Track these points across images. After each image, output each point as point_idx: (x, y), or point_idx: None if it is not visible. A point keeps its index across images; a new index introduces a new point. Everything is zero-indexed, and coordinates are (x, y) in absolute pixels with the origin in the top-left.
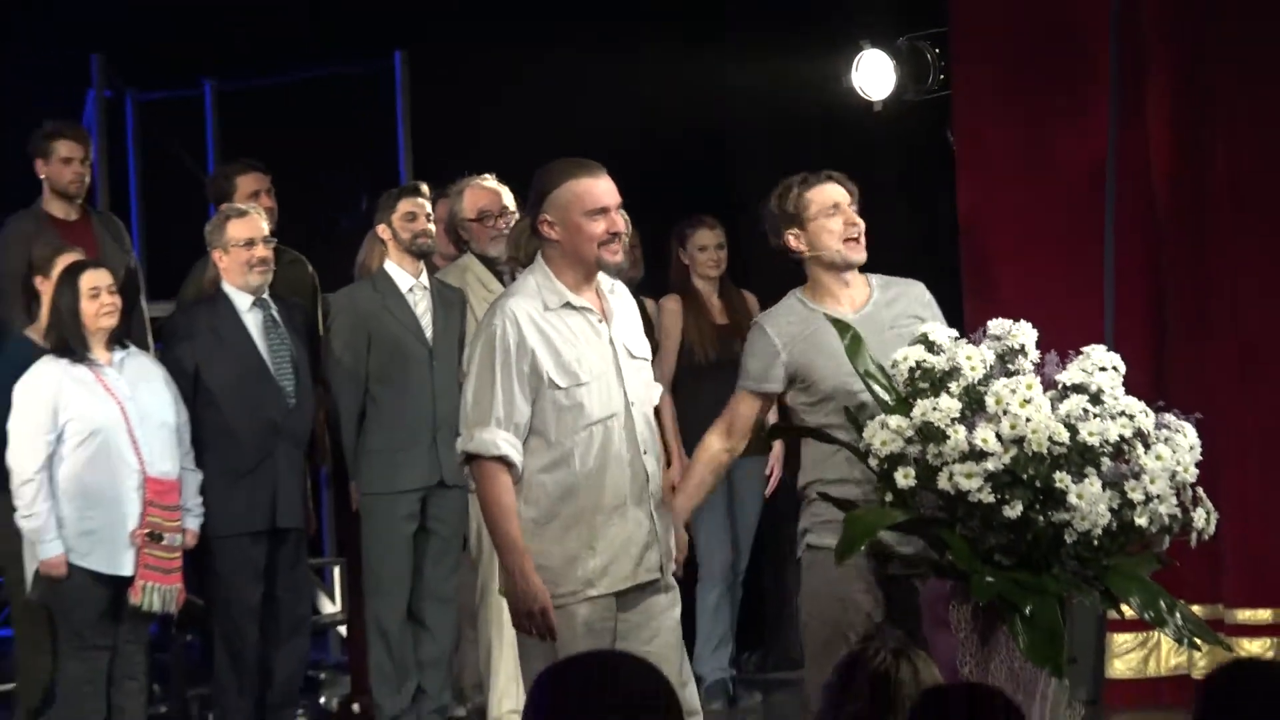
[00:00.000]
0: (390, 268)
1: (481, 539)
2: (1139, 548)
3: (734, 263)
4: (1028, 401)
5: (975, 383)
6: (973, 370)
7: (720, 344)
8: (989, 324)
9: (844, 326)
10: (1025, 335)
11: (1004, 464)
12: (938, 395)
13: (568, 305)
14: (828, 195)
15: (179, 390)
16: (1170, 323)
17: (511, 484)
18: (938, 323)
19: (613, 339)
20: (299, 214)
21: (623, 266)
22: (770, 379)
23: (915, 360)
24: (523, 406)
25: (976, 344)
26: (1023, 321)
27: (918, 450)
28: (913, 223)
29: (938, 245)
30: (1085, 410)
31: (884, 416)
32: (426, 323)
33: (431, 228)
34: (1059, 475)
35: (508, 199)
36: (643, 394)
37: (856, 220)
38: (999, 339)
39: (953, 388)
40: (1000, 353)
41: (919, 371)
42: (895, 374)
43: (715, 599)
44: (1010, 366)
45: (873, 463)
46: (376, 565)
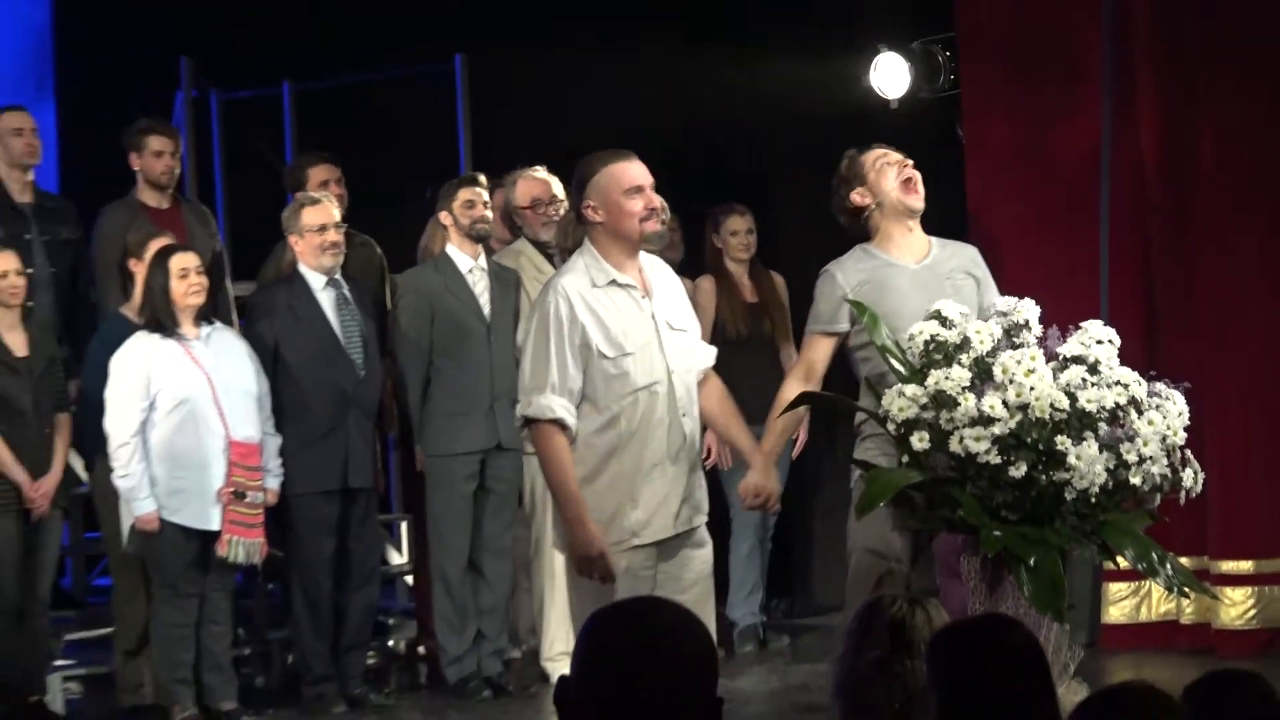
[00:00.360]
0: (451, 251)
1: (535, 497)
2: (1132, 504)
3: (763, 246)
4: (1031, 371)
5: (984, 354)
6: (981, 343)
7: (750, 320)
8: (996, 301)
9: (860, 306)
10: (1029, 311)
11: (1010, 428)
12: (949, 366)
13: (613, 283)
14: (879, 151)
15: (260, 362)
16: (1159, 299)
17: (567, 444)
18: (989, 280)
19: (654, 314)
20: (368, 201)
21: (662, 235)
22: (839, 319)
23: (929, 334)
24: (575, 375)
25: (985, 319)
26: (1026, 299)
27: (932, 416)
28: (926, 209)
29: (949, 230)
30: (1084, 379)
31: (901, 385)
32: (484, 301)
33: (488, 214)
34: (1060, 438)
35: (557, 188)
36: (683, 363)
37: (908, 162)
38: (1005, 315)
39: (963, 359)
40: (1006, 327)
41: (933, 344)
42: (911, 347)
43: (747, 550)
44: (1015, 340)
45: (890, 427)
46: (439, 521)
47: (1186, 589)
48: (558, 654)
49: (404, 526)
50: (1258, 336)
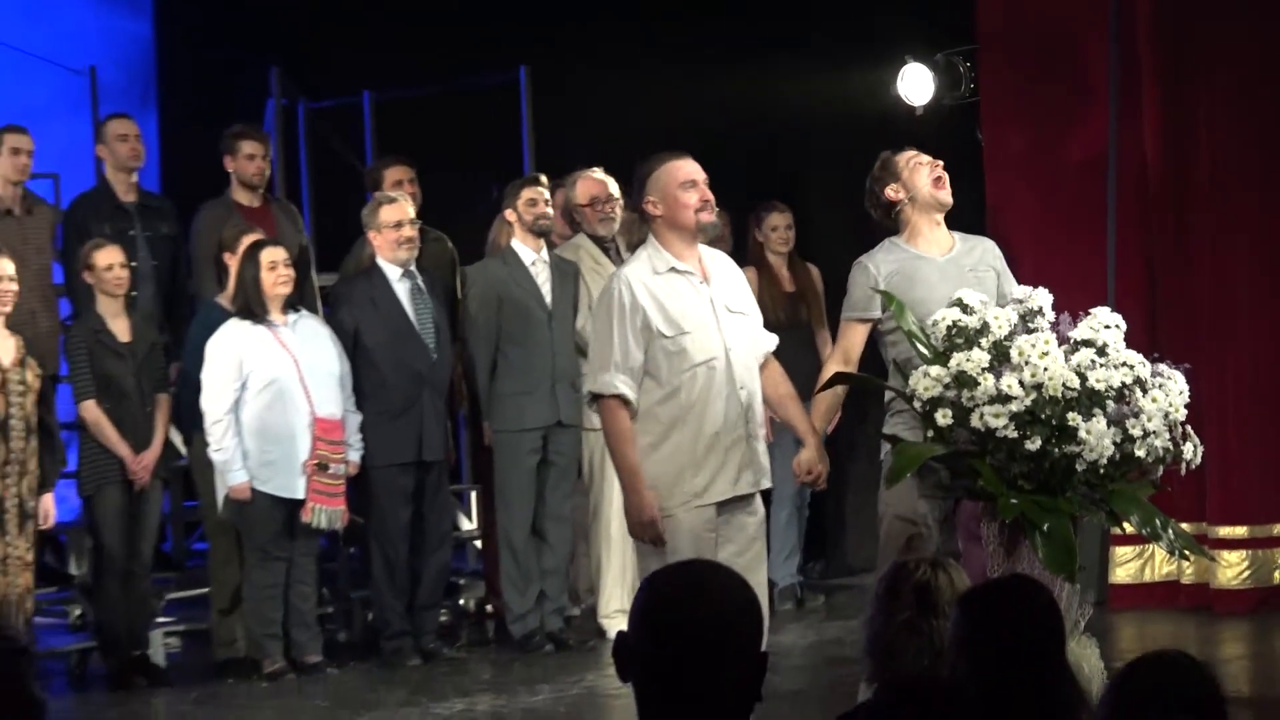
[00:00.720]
0: (516, 245)
1: (593, 469)
2: (1138, 475)
3: (800, 240)
4: (1045, 354)
5: (1001, 338)
6: (999, 328)
7: (789, 307)
8: (1013, 291)
9: (889, 296)
10: (1042, 299)
11: (1025, 406)
12: (970, 349)
13: (673, 270)
14: (912, 152)
15: (341, 346)
16: (1160, 288)
17: (628, 417)
18: (1007, 272)
19: (712, 298)
20: (440, 200)
21: (716, 225)
22: (872, 307)
23: (952, 320)
24: (636, 354)
25: (1003, 306)
26: (1040, 288)
27: (954, 395)
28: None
29: (970, 226)
30: (1093, 361)
31: (926, 367)
32: (546, 290)
33: (550, 211)
34: (1071, 415)
35: (613, 188)
36: (740, 342)
37: (939, 163)
38: (1021, 302)
39: (983, 343)
40: (1022, 314)
41: (955, 329)
42: (934, 331)
43: (786, 517)
44: (1030, 325)
45: (917, 405)
46: (505, 490)
47: (1187, 552)
48: (613, 611)
49: (473, 496)
50: (1249, 322)
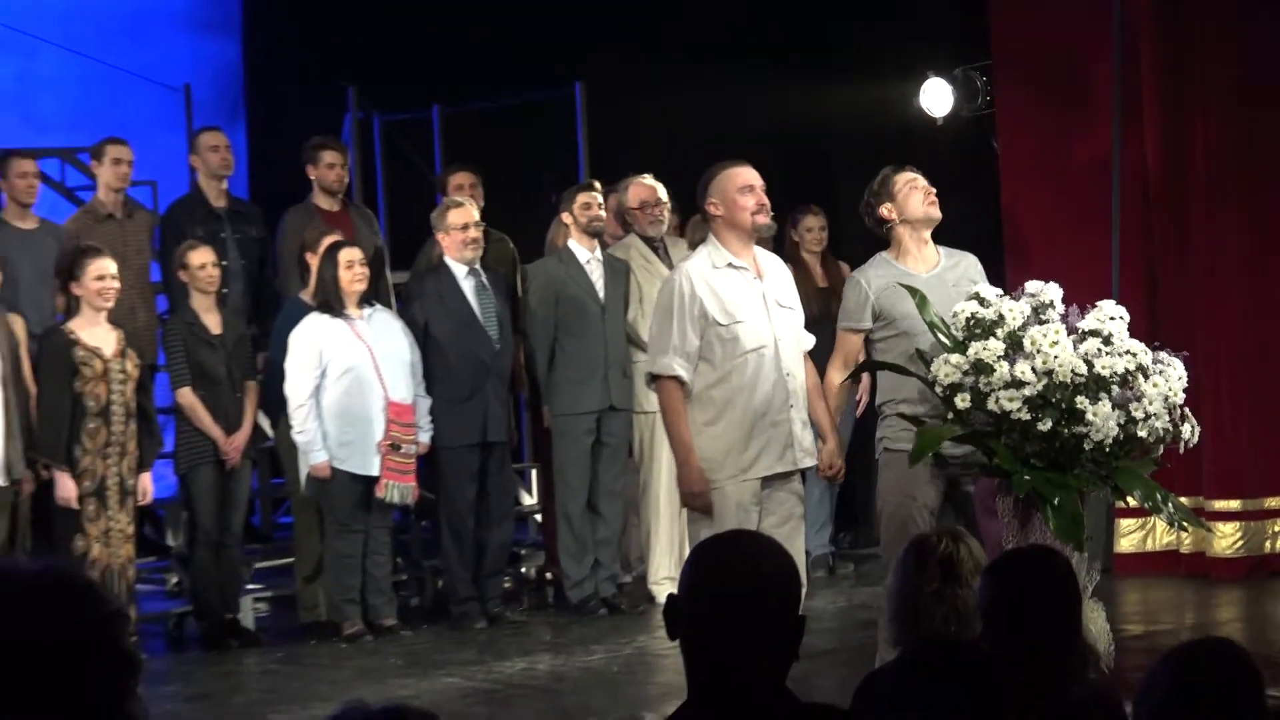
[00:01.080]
0: (572, 245)
1: (642, 448)
2: (1140, 453)
3: (832, 240)
4: (1055, 343)
5: (1015, 329)
6: (1013, 319)
7: (821, 302)
8: (1026, 285)
9: (914, 290)
10: (1053, 293)
11: (1037, 390)
12: (987, 339)
13: (730, 265)
14: (908, 174)
15: (413, 337)
16: (1160, 282)
17: (683, 397)
18: (986, 286)
19: (764, 293)
20: (503, 204)
21: (770, 227)
22: (863, 318)
23: (970, 312)
24: (692, 339)
25: (1016, 300)
26: (1051, 283)
27: (972, 380)
28: (968, 209)
29: (987, 226)
30: (1099, 349)
31: (946, 355)
32: (600, 287)
33: (603, 214)
34: (1079, 399)
35: (662, 193)
36: (788, 333)
37: (931, 188)
38: (1033, 296)
39: (999, 333)
40: (1034, 306)
41: (973, 320)
42: (954, 323)
43: (818, 494)
44: (1042, 317)
45: (938, 390)
46: (563, 468)
47: (1185, 524)
48: (662, 578)
49: (534, 473)
50: (1239, 313)
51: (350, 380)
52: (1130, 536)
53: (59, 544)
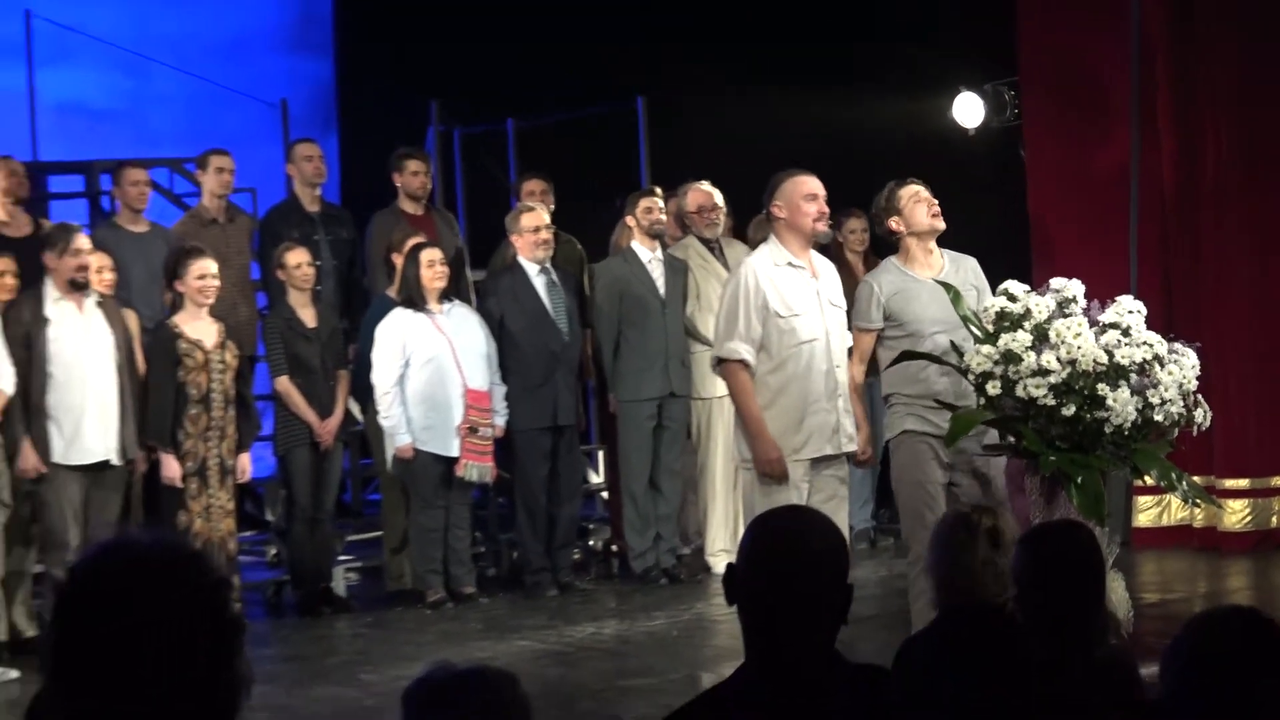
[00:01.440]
0: (635, 246)
1: (700, 431)
2: (1156, 436)
3: (873, 240)
4: (1078, 335)
5: (1042, 322)
6: (1040, 313)
7: None
8: (1050, 281)
9: (948, 286)
10: (1076, 289)
11: (1062, 378)
12: (1015, 331)
13: (789, 264)
14: (913, 189)
15: (489, 330)
16: (1174, 279)
17: (749, 378)
18: (985, 289)
19: (819, 291)
20: (572, 208)
21: (828, 234)
22: (874, 319)
23: (1000, 307)
24: (756, 326)
25: (1042, 295)
26: (1074, 279)
27: (1002, 369)
28: (999, 214)
29: (1016, 229)
30: (1118, 340)
31: (978, 346)
32: (660, 284)
33: (663, 218)
34: (1100, 386)
35: (718, 198)
36: (838, 330)
37: (934, 200)
38: (1058, 291)
39: (1026, 325)
40: (1059, 301)
41: (1002, 314)
42: (984, 316)
43: (861, 473)
44: (1066, 311)
45: (970, 378)
46: (627, 449)
47: (1198, 500)
48: (718, 550)
49: (600, 454)
50: (1246, 310)
51: (432, 370)
52: (1147, 512)
53: (165, 519)
